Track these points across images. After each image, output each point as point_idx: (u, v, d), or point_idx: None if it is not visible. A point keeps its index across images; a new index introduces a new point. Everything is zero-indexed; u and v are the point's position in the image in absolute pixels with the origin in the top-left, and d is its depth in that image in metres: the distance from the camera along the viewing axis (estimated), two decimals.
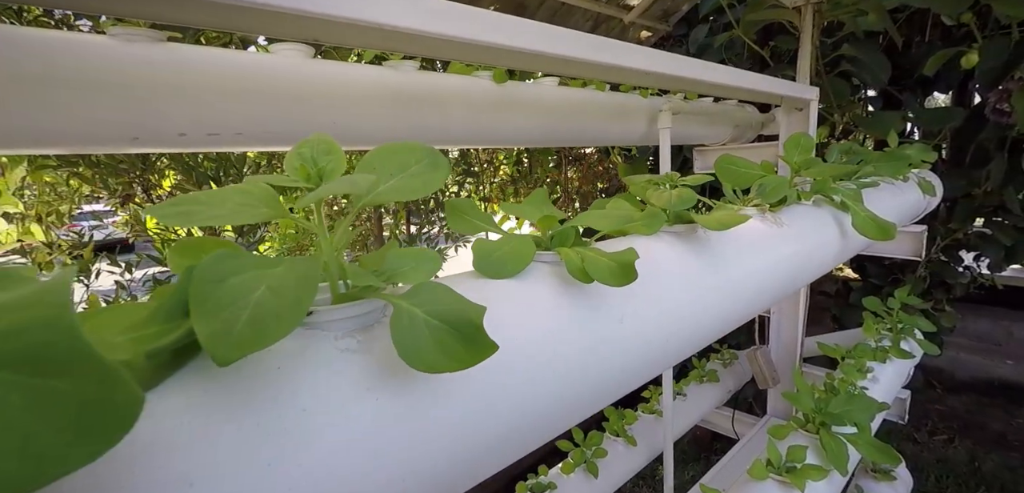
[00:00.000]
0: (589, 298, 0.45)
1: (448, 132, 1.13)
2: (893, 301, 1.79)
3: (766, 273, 0.69)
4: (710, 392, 2.13)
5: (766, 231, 0.73)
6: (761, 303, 0.69)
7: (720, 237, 0.64)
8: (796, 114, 1.90)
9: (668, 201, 0.59)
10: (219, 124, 0.84)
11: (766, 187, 0.81)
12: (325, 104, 0.93)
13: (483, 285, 0.42)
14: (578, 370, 0.42)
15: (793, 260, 0.76)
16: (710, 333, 0.57)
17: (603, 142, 1.60)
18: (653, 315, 0.50)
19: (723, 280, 0.60)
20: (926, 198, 1.57)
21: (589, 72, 1.23)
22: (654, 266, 0.53)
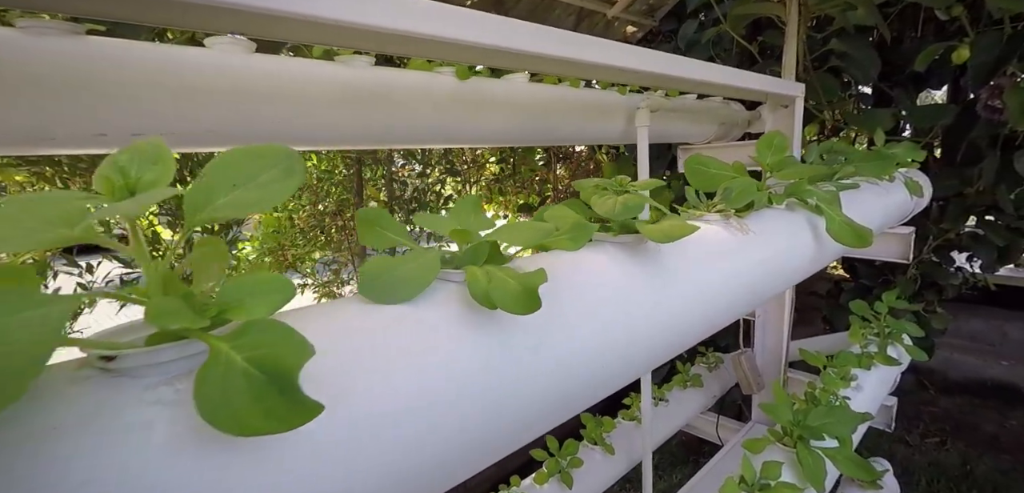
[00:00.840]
0: (499, 324, 0.40)
1: (407, 130, 1.07)
2: (880, 305, 1.73)
3: (726, 285, 0.63)
4: (694, 397, 2.08)
5: (728, 239, 0.68)
6: (721, 318, 0.63)
7: (672, 248, 0.58)
8: (782, 111, 1.84)
9: (611, 209, 0.54)
10: (145, 124, 0.78)
11: (731, 191, 0.75)
12: (267, 102, 0.87)
13: (367, 314, 0.36)
14: (480, 410, 0.37)
15: (759, 270, 0.70)
16: (654, 356, 0.52)
17: (580, 141, 1.54)
18: (579, 340, 0.44)
19: (672, 296, 0.54)
20: (913, 199, 1.52)
21: (564, 70, 1.18)
22: (586, 284, 0.47)
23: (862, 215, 1.10)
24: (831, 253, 0.90)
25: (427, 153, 2.85)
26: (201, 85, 0.82)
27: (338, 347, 0.32)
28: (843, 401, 1.27)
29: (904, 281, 2.57)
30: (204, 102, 0.82)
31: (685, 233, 0.51)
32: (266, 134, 0.88)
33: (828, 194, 0.90)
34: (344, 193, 2.89)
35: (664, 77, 1.24)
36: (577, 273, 0.48)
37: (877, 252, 1.77)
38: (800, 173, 0.87)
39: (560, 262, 0.49)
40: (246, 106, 0.85)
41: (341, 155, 3.00)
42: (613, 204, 0.54)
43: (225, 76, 0.84)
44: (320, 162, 3.13)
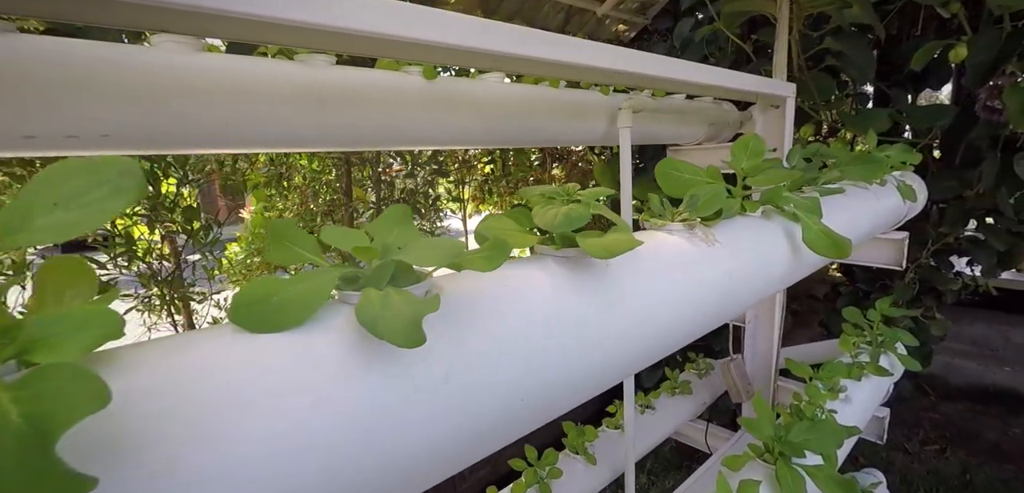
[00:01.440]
0: (398, 355, 0.35)
1: (374, 132, 1.03)
2: (873, 313, 1.68)
3: (686, 300, 0.58)
4: (683, 405, 2.03)
5: (689, 251, 0.63)
6: (679, 337, 0.59)
7: (622, 263, 0.53)
8: (772, 112, 1.79)
9: (552, 220, 0.49)
10: (78, 125, 0.74)
11: (697, 199, 0.71)
12: (214, 102, 0.83)
13: (235, 346, 0.32)
14: (373, 456, 0.32)
15: (726, 283, 0.66)
16: (594, 382, 0.47)
17: (559, 142, 1.49)
18: (501, 369, 0.39)
19: (618, 316, 0.50)
20: (907, 204, 1.46)
21: (541, 71, 1.13)
22: (515, 305, 0.43)
23: (847, 222, 1.05)
24: (809, 263, 0.86)
25: (418, 153, 2.81)
26: (140, 85, 0.78)
27: (183, 390, 0.28)
28: (829, 415, 1.22)
29: (901, 286, 2.51)
30: (142, 102, 0.78)
31: (627, 247, 0.47)
32: (215, 136, 0.84)
33: (807, 200, 0.85)
34: (333, 193, 2.85)
35: (646, 77, 1.19)
36: (504, 293, 0.43)
37: (869, 258, 1.72)
38: (778, 178, 0.82)
39: (487, 281, 0.44)
40: (188, 105, 0.81)
41: (331, 155, 2.96)
42: (553, 215, 0.50)
43: (169, 75, 0.80)
44: (311, 162, 3.09)
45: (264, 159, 3.17)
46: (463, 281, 0.44)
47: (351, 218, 2.93)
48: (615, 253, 0.46)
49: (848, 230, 1.05)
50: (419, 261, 0.38)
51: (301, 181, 3.08)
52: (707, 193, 0.72)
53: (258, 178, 3.11)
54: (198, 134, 0.82)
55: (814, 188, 1.02)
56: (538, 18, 2.27)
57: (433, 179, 3.01)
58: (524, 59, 0.88)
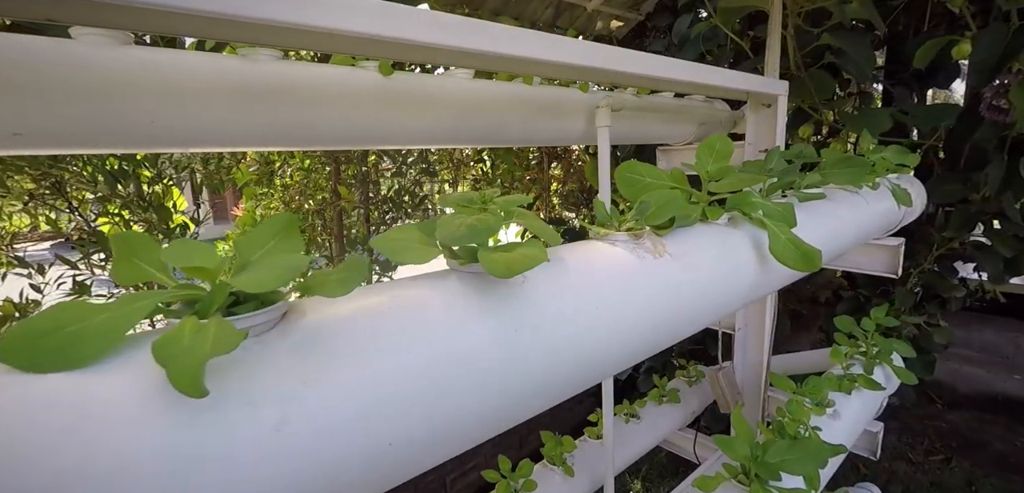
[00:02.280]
0: (216, 397, 0.29)
1: (327, 130, 0.97)
2: (868, 322, 1.60)
3: (619, 323, 0.52)
4: (670, 414, 1.96)
5: (631, 265, 0.57)
6: (608, 365, 0.52)
7: (540, 281, 0.47)
8: (764, 111, 1.72)
9: (452, 234, 0.43)
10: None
11: (647, 205, 0.64)
12: (144, 99, 0.78)
13: (11, 389, 0.26)
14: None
15: (673, 300, 0.59)
16: (486, 426, 0.41)
17: (534, 142, 1.43)
18: (357, 411, 0.34)
19: (527, 345, 0.44)
20: (902, 209, 1.39)
21: (512, 67, 1.07)
22: (386, 333, 0.37)
23: (830, 229, 0.98)
24: (780, 275, 0.79)
25: (407, 152, 2.75)
26: (62, 81, 0.73)
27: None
28: (813, 432, 1.15)
29: (903, 293, 2.42)
30: (66, 99, 0.73)
31: (529, 265, 0.41)
32: (142, 134, 0.79)
33: (779, 207, 0.78)
34: (321, 191, 2.81)
35: (623, 75, 1.13)
36: (379, 319, 0.38)
37: (861, 265, 1.64)
38: (745, 182, 0.76)
39: (359, 305, 0.38)
40: (116, 103, 0.76)
41: (320, 153, 2.91)
42: (455, 227, 0.44)
43: (91, 70, 0.75)
44: (303, 160, 3.05)
45: (253, 156, 3.14)
46: (330, 307, 0.38)
47: (340, 218, 2.89)
48: (516, 271, 0.40)
49: (831, 238, 0.99)
50: (254, 285, 0.32)
51: (294, 179, 3.04)
52: (659, 198, 0.65)
53: (248, 175, 3.07)
54: (129, 132, 0.77)
55: (793, 193, 0.95)
56: (527, 13, 2.21)
57: (421, 178, 2.96)
58: (490, 56, 0.82)
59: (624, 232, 0.62)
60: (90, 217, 1.79)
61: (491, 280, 0.45)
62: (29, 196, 1.76)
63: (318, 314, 0.37)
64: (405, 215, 2.60)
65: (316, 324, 0.36)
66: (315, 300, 0.39)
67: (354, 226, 2.96)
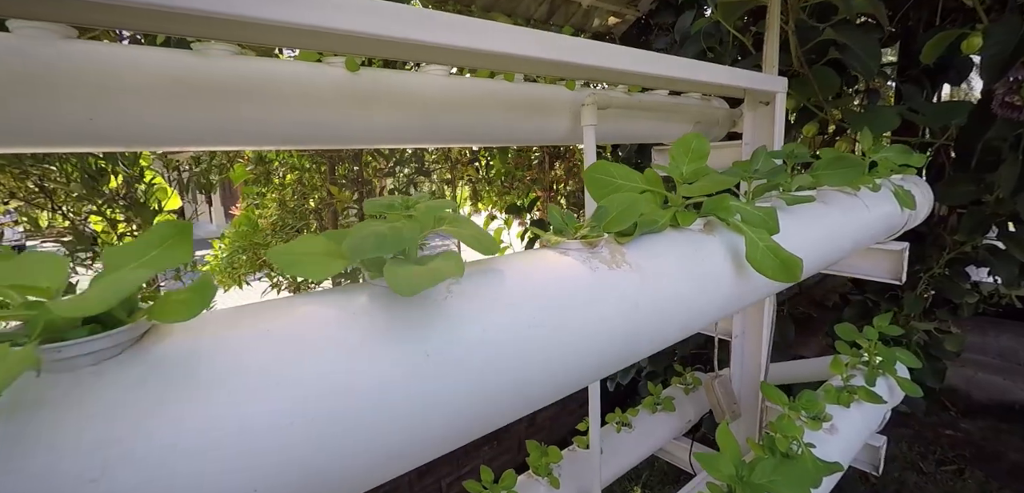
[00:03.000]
0: (16, 437, 0.24)
1: (278, 128, 0.92)
2: (870, 331, 1.53)
3: (558, 344, 0.47)
4: (665, 422, 1.90)
5: (580, 278, 0.51)
6: (546, 393, 0.47)
7: (467, 298, 0.42)
8: (762, 109, 1.65)
9: (354, 245, 0.38)
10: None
11: (605, 211, 0.59)
12: (81, 95, 0.73)
13: None
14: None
15: (629, 317, 0.54)
16: (376, 472, 0.36)
17: (514, 141, 1.38)
18: (200, 457, 0.28)
19: (440, 377, 0.38)
20: (905, 212, 1.31)
21: (488, 64, 1.02)
22: (260, 365, 0.32)
23: (821, 234, 0.92)
24: (758, 286, 0.73)
25: (395, 152, 2.71)
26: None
27: None
28: (805, 449, 1.08)
29: (912, 298, 2.33)
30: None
31: (434, 279, 0.35)
32: (80, 132, 0.75)
33: (760, 211, 0.72)
34: (316, 191, 2.77)
35: (606, 71, 1.07)
36: (249, 344, 0.32)
37: (864, 270, 1.56)
38: (721, 184, 0.70)
39: (232, 328, 0.33)
40: (49, 99, 0.72)
41: (315, 153, 2.88)
42: (364, 236, 0.38)
43: (25, 65, 0.71)
44: (301, 159, 3.02)
45: (250, 155, 3.12)
46: (202, 329, 0.33)
47: (335, 218, 2.85)
48: (418, 287, 0.35)
49: (822, 243, 0.92)
50: (71, 309, 0.27)
51: (288, 180, 3.01)
52: (619, 202, 0.60)
53: (244, 175, 3.05)
54: (57, 131, 0.73)
55: (780, 196, 0.89)
56: (520, 9, 2.15)
57: (414, 179, 2.91)
58: (467, 51, 0.78)
59: (578, 240, 0.56)
60: (75, 217, 1.77)
61: (405, 299, 0.40)
62: (10, 194, 1.74)
63: (184, 338, 0.32)
64: None
65: (175, 351, 0.31)
66: (204, 319, 0.34)
67: (351, 226, 2.92)
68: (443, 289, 0.42)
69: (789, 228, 0.82)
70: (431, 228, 0.44)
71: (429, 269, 0.37)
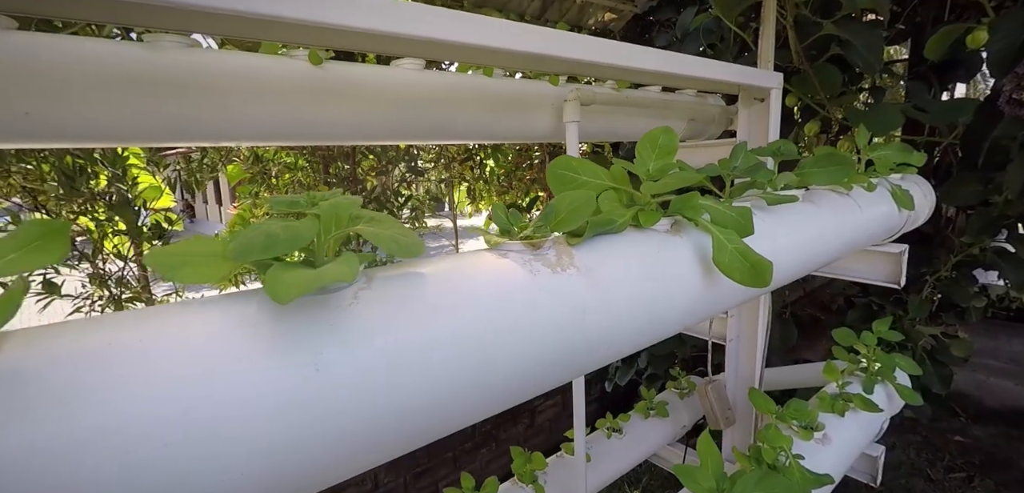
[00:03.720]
0: None
1: (235, 125, 0.89)
2: (868, 336, 1.46)
3: (481, 362, 0.42)
4: (658, 428, 1.84)
5: (518, 283, 0.47)
6: (459, 416, 0.42)
7: (370, 305, 0.38)
8: (757, 106, 1.59)
9: (246, 244, 0.34)
10: None
11: (552, 210, 0.54)
12: (14, 89, 0.70)
13: None
14: None
15: (575, 328, 0.49)
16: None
17: (495, 139, 1.33)
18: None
19: (332, 396, 0.34)
20: (903, 213, 1.25)
21: (470, 57, 0.98)
22: (92, 386, 0.28)
23: (807, 236, 0.87)
24: (730, 293, 0.68)
25: (388, 150, 2.67)
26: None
27: None
28: (793, 461, 1.03)
29: (917, 301, 2.26)
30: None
31: (311, 285, 0.31)
32: (12, 130, 0.71)
33: (735, 211, 0.67)
34: (310, 189, 2.75)
35: (588, 64, 1.03)
36: (82, 362, 0.29)
37: (861, 273, 1.50)
38: (687, 180, 0.65)
39: (70, 341, 0.29)
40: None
41: (312, 150, 2.86)
42: (252, 237, 0.34)
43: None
44: (297, 159, 3.01)
45: (246, 153, 3.11)
46: (54, 340, 0.29)
47: None
48: (291, 293, 0.31)
49: (808, 245, 0.87)
50: None
51: (283, 179, 2.99)
52: (571, 200, 0.55)
53: (240, 174, 3.04)
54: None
55: (760, 195, 0.84)
56: (512, 5, 2.11)
57: (407, 177, 2.87)
58: (439, 43, 0.74)
59: (520, 241, 0.52)
60: (56, 216, 1.76)
61: (300, 305, 0.36)
62: None
63: (31, 349, 0.28)
64: (391, 215, 2.53)
65: (11, 365, 0.27)
66: (44, 329, 0.30)
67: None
68: (348, 295, 0.38)
69: (768, 229, 0.77)
70: (339, 228, 0.40)
71: (312, 273, 0.33)
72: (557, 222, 0.54)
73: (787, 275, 0.82)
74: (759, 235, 0.73)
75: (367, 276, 0.41)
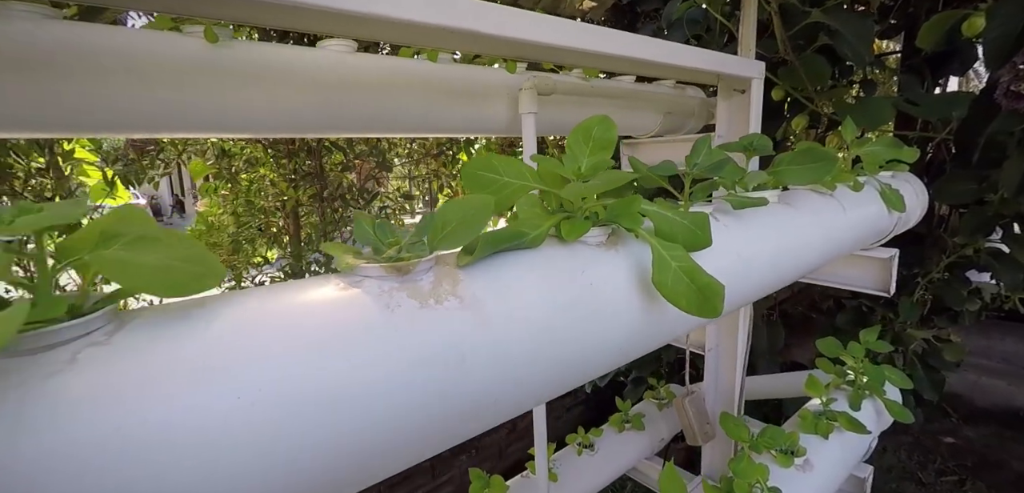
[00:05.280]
0: None
1: (109, 113, 0.76)
2: (856, 347, 1.35)
3: (298, 436, 0.30)
4: (633, 442, 1.73)
5: (364, 323, 0.34)
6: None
7: (144, 353, 0.25)
8: (737, 98, 1.47)
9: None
10: None
11: (435, 222, 0.42)
12: None
13: None
14: None
15: (447, 384, 0.36)
16: None
17: (442, 131, 1.20)
18: None
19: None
20: (893, 215, 1.13)
21: (404, 38, 0.85)
22: None
23: (776, 246, 0.74)
24: (677, 319, 0.55)
25: (355, 143, 2.53)
26: None
27: None
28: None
29: (908, 304, 2.15)
30: None
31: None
32: None
33: (685, 218, 0.55)
34: (274, 187, 2.61)
35: (539, 47, 0.90)
36: None
37: (847, 280, 1.39)
38: (620, 180, 0.52)
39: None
40: None
41: (272, 143, 2.71)
42: None
43: None
44: (265, 153, 2.86)
45: (212, 150, 2.96)
46: None
47: (296, 216, 2.69)
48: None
49: (778, 257, 0.75)
50: None
51: (246, 178, 2.84)
52: (462, 208, 0.43)
53: (205, 170, 2.89)
54: None
55: (725, 197, 0.72)
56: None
57: (375, 174, 2.73)
58: (372, 19, 0.61)
59: (380, 263, 0.39)
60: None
61: (25, 357, 0.23)
62: None
63: None
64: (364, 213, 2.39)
65: None
66: None
67: (315, 224, 2.75)
68: (63, 356, 0.25)
69: (731, 239, 0.64)
70: (70, 258, 0.27)
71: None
72: (440, 236, 0.42)
73: (754, 291, 0.70)
74: (719, 247, 0.60)
75: (115, 324, 0.28)
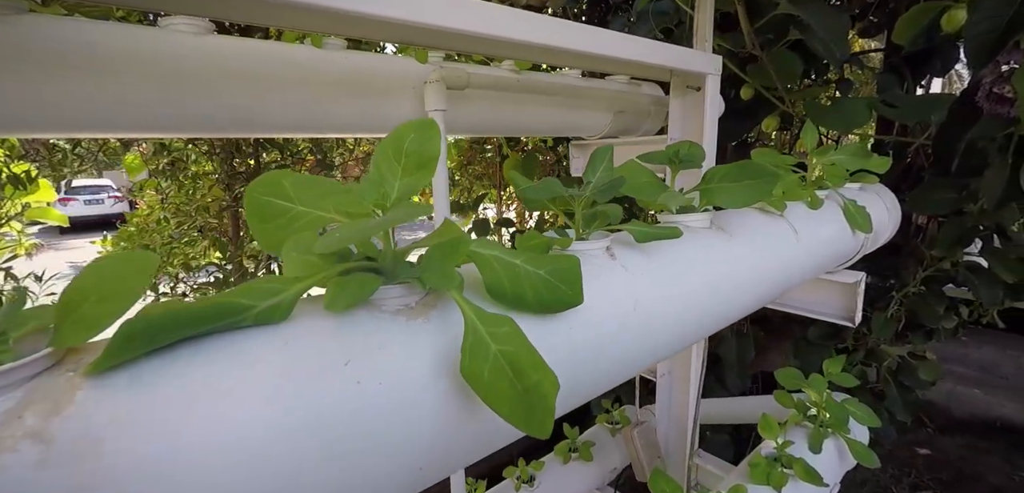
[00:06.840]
0: None
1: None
2: (818, 380, 1.20)
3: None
4: (581, 474, 1.57)
5: None
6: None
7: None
8: (691, 95, 1.31)
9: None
10: None
11: (67, 303, 0.25)
12: None
13: None
14: None
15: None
16: None
17: (333, 131, 1.03)
18: None
19: None
20: (858, 236, 0.99)
21: (303, 24, 0.68)
22: None
23: (707, 284, 0.58)
24: (501, 427, 0.39)
25: (290, 142, 2.34)
26: None
27: None
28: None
29: (882, 320, 2.02)
30: None
31: None
32: None
33: (552, 264, 0.39)
34: (213, 187, 2.41)
35: (453, 34, 0.73)
36: None
37: (807, 306, 1.24)
38: (419, 213, 0.36)
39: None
40: None
41: (209, 143, 2.50)
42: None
43: None
44: (199, 149, 2.65)
45: (150, 146, 2.74)
46: None
47: (236, 219, 2.49)
48: None
49: (708, 299, 0.59)
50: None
51: (187, 179, 2.64)
52: (100, 275, 0.26)
53: (141, 167, 2.68)
54: None
55: (629, 228, 0.55)
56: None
57: (319, 173, 2.55)
58: None
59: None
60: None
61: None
62: None
63: None
64: None
65: None
66: None
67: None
68: None
69: (626, 285, 0.48)
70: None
71: None
72: (67, 328, 0.24)
73: (659, 350, 0.54)
74: (608, 297, 0.44)
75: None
